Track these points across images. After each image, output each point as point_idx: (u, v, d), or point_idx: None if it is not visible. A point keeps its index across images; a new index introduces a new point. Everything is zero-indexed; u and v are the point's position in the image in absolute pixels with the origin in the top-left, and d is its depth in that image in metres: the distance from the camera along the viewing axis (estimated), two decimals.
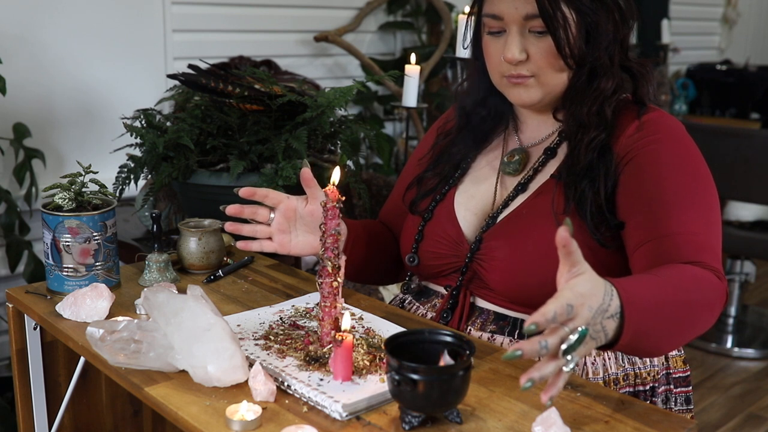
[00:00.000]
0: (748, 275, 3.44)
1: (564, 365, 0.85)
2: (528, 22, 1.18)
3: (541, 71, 1.21)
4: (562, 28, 1.16)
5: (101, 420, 1.46)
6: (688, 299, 1.04)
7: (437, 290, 1.34)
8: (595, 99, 1.20)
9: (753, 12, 5.68)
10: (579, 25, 1.18)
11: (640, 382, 1.23)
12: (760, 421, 2.76)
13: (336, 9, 3.10)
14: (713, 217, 1.17)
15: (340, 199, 1.06)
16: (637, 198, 1.16)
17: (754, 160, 2.99)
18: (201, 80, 1.66)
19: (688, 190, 1.16)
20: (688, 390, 1.30)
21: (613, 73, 1.21)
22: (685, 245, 1.11)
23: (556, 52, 1.18)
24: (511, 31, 1.20)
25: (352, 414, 0.94)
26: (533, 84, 1.22)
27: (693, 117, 4.70)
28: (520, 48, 1.19)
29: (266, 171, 1.61)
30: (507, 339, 1.22)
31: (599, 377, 1.20)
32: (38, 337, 1.34)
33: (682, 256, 1.10)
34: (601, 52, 1.20)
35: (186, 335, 1.01)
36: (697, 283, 1.06)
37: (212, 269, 1.45)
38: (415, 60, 2.18)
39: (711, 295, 1.07)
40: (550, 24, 1.16)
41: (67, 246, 1.28)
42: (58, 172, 2.29)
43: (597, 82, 1.21)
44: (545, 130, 1.31)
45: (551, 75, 1.21)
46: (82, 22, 2.39)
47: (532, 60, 1.20)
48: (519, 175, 1.29)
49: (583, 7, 1.17)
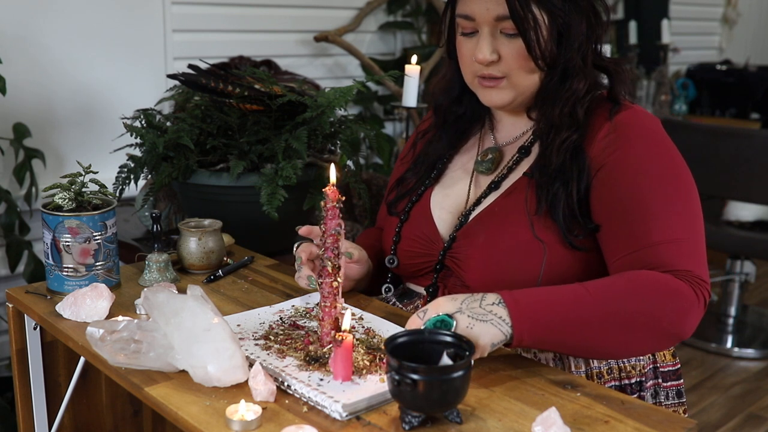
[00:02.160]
0: (748, 275, 3.43)
1: None
2: (499, 23, 1.19)
3: (512, 72, 1.21)
4: (532, 29, 1.17)
5: (101, 420, 1.46)
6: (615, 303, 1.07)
7: (419, 291, 1.34)
8: (567, 99, 1.21)
9: (753, 12, 5.68)
10: (550, 27, 1.19)
11: (625, 376, 1.23)
12: (760, 421, 2.76)
13: (336, 9, 3.10)
14: (693, 218, 1.17)
15: (340, 199, 1.06)
16: (612, 205, 1.16)
17: (754, 160, 2.98)
18: (201, 80, 1.66)
19: (665, 194, 1.15)
20: (678, 383, 1.30)
21: (585, 73, 1.22)
22: (666, 255, 1.12)
23: (527, 53, 1.19)
24: (483, 32, 1.21)
25: (352, 414, 0.94)
26: (505, 86, 1.23)
27: (693, 117, 4.70)
28: (491, 49, 1.20)
29: (266, 171, 1.61)
30: None
31: (581, 371, 1.20)
32: (38, 337, 1.34)
33: (663, 266, 1.11)
34: (574, 53, 1.20)
35: (186, 335, 1.01)
36: (638, 289, 1.08)
37: (212, 269, 1.45)
38: (415, 60, 2.17)
39: (660, 299, 1.08)
40: (521, 25, 1.17)
41: (67, 246, 1.28)
42: (58, 172, 2.29)
43: (569, 83, 1.21)
44: (519, 129, 1.32)
45: (522, 76, 1.21)
46: (82, 23, 2.39)
47: (503, 61, 1.21)
48: (492, 173, 1.30)
49: (554, 9, 1.18)
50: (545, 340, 1.06)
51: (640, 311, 1.07)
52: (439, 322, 1.02)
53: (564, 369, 1.20)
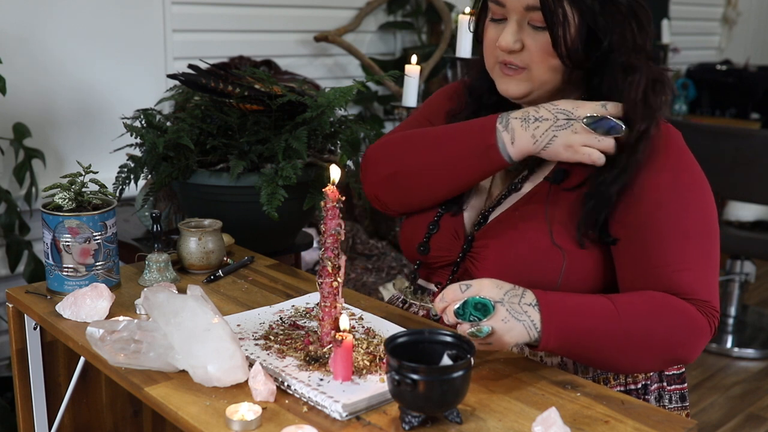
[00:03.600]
0: (748, 275, 3.43)
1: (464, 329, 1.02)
2: (528, 13, 1.17)
3: (533, 65, 1.19)
4: (560, 25, 1.15)
5: (101, 420, 1.46)
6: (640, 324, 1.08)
7: (429, 288, 1.34)
8: (636, 89, 1.16)
9: (753, 12, 5.68)
10: (579, 26, 1.16)
11: (631, 381, 1.23)
12: (760, 421, 2.76)
13: (336, 9, 3.10)
14: (712, 247, 1.17)
15: (340, 199, 1.06)
16: (634, 225, 1.15)
17: (754, 160, 2.98)
18: (201, 80, 1.65)
19: (689, 221, 1.15)
20: (683, 387, 1.30)
21: (644, 72, 1.17)
22: (684, 283, 1.13)
23: (551, 49, 1.17)
24: (511, 19, 1.19)
25: (352, 414, 0.94)
26: (524, 78, 1.20)
27: (693, 117, 4.70)
28: (515, 37, 1.18)
29: (266, 171, 1.61)
30: None
31: (588, 376, 1.20)
32: (38, 337, 1.34)
33: (683, 293, 1.12)
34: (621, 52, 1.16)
35: (186, 335, 1.01)
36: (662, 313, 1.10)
37: (212, 269, 1.45)
38: (415, 60, 2.17)
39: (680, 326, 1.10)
40: (549, 19, 1.15)
41: (67, 246, 1.28)
42: (58, 172, 2.29)
43: (631, 77, 1.16)
44: None
45: (542, 71, 1.19)
46: (82, 22, 2.39)
47: (526, 52, 1.19)
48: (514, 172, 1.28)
49: (585, 8, 1.15)
50: (569, 350, 1.08)
51: (658, 334, 1.09)
52: (480, 304, 1.02)
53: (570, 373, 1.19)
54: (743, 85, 4.69)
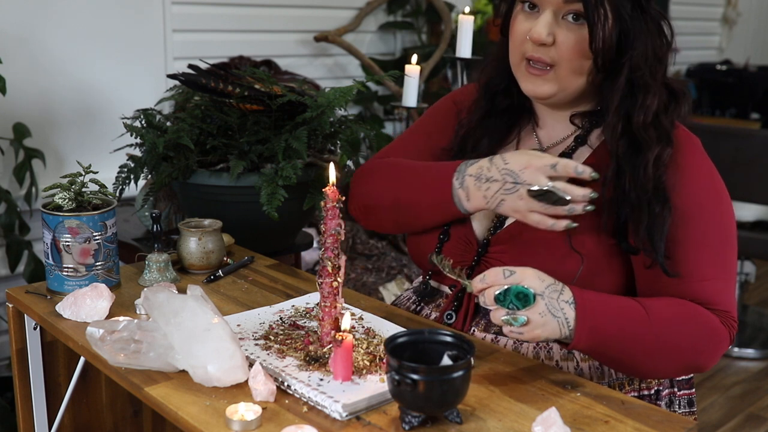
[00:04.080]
0: (748, 275, 3.43)
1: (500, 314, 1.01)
2: (567, 5, 1.14)
3: (562, 62, 1.15)
4: (600, 22, 1.12)
5: (101, 420, 1.46)
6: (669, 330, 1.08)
7: (443, 290, 1.33)
8: (647, 112, 1.15)
9: (753, 12, 5.68)
10: (614, 28, 1.14)
11: (645, 386, 1.23)
12: (760, 421, 2.76)
13: (336, 9, 3.10)
14: (731, 256, 1.17)
15: (340, 199, 1.06)
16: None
17: (754, 160, 2.98)
18: (201, 80, 1.65)
19: (710, 226, 1.15)
20: (691, 392, 1.30)
21: (657, 89, 1.17)
22: (708, 293, 1.13)
23: (583, 47, 1.14)
24: (546, 11, 1.15)
25: (352, 414, 0.94)
26: (551, 78, 1.17)
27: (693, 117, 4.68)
28: (548, 30, 1.14)
29: (266, 171, 1.61)
30: (510, 341, 1.21)
31: (604, 382, 1.20)
32: (38, 337, 1.34)
33: (706, 302, 1.12)
34: (640, 64, 1.15)
35: (186, 335, 1.01)
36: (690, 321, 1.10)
37: (212, 269, 1.45)
38: (415, 60, 2.17)
39: (705, 336, 1.11)
40: (591, 14, 1.12)
41: (67, 246, 1.28)
42: (58, 172, 2.29)
43: (642, 97, 1.15)
44: (561, 133, 1.27)
45: (569, 71, 1.16)
46: (82, 22, 2.39)
47: (557, 47, 1.15)
48: None
49: (623, 12, 1.14)
50: (598, 352, 1.08)
51: (684, 342, 1.10)
52: (522, 293, 1.01)
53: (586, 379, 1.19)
54: (743, 85, 4.69)
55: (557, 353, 1.19)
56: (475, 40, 2.36)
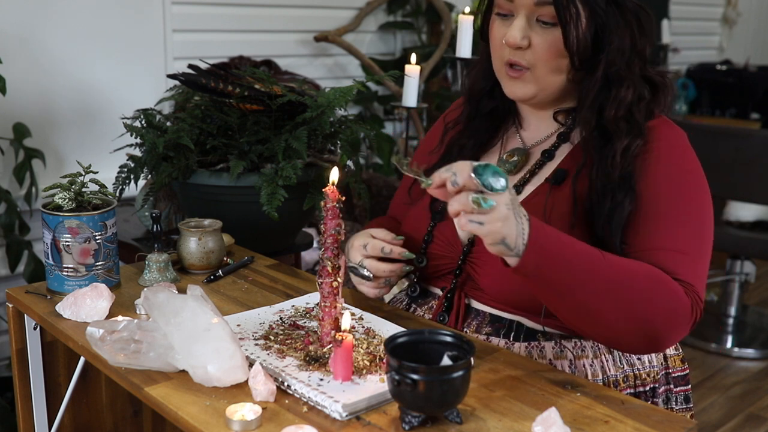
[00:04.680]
0: (748, 275, 3.43)
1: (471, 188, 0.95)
2: (538, 9, 1.16)
3: (538, 64, 1.18)
4: (572, 22, 1.14)
5: (101, 420, 1.46)
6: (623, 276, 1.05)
7: (435, 292, 1.33)
8: (619, 105, 1.17)
9: (753, 12, 5.68)
10: (588, 25, 1.16)
11: (640, 383, 1.23)
12: (760, 421, 2.76)
13: (336, 9, 3.10)
14: (703, 237, 1.16)
15: (340, 199, 1.06)
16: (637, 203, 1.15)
17: (754, 160, 2.98)
18: (201, 80, 1.66)
19: (688, 205, 1.15)
20: (687, 389, 1.30)
21: (634, 82, 1.18)
22: (670, 262, 1.11)
23: (559, 47, 1.16)
24: (519, 15, 1.18)
25: (352, 414, 0.94)
26: (529, 79, 1.20)
27: (693, 117, 4.70)
28: (522, 34, 1.17)
29: (266, 171, 1.61)
30: (503, 341, 1.21)
31: (598, 379, 1.20)
32: (38, 337, 1.34)
33: (668, 272, 1.10)
34: (617, 58, 1.17)
35: (186, 335, 1.01)
36: (648, 277, 1.07)
37: (212, 269, 1.45)
38: (415, 60, 2.17)
39: (663, 296, 1.07)
40: (562, 15, 1.14)
41: (67, 246, 1.28)
42: (58, 172, 2.29)
43: (616, 90, 1.17)
44: (545, 131, 1.29)
45: (547, 71, 1.18)
46: (82, 22, 2.39)
47: (532, 50, 1.18)
48: (515, 175, 1.27)
49: (596, 8, 1.15)
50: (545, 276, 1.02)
51: (638, 294, 1.05)
52: (498, 173, 0.95)
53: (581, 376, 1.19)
54: (743, 85, 4.69)
55: (550, 352, 1.20)
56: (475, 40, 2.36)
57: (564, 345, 1.20)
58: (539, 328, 1.21)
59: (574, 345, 1.20)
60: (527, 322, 1.21)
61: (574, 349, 1.20)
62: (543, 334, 1.21)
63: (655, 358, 1.26)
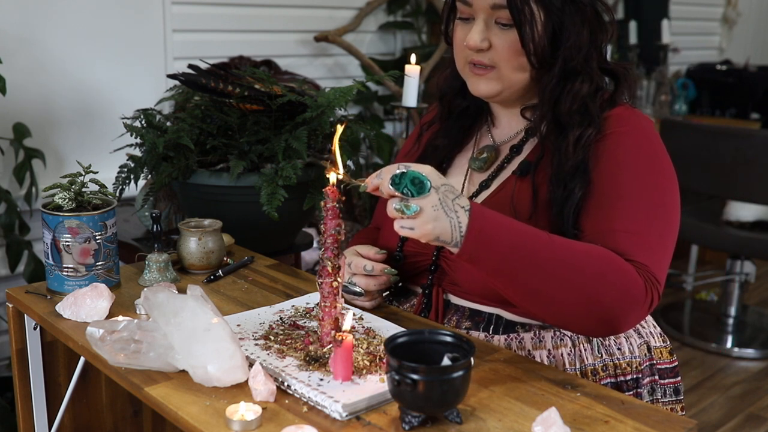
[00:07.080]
0: (748, 275, 3.43)
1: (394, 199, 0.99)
2: (495, 12, 1.19)
3: (501, 64, 1.21)
4: (528, 23, 1.17)
5: (101, 420, 1.46)
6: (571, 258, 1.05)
7: (415, 290, 1.35)
8: (574, 98, 1.20)
9: (753, 12, 5.68)
10: (545, 24, 1.18)
11: (620, 373, 1.23)
12: (760, 421, 2.76)
13: (336, 9, 3.10)
14: (663, 219, 1.16)
15: (340, 199, 1.06)
16: (591, 188, 1.16)
17: (754, 160, 2.98)
18: (201, 80, 1.66)
19: (640, 188, 1.16)
20: (676, 381, 1.30)
21: (590, 75, 1.21)
22: (623, 244, 1.11)
23: (518, 47, 1.19)
24: (478, 18, 1.21)
25: (352, 414, 0.94)
26: (493, 77, 1.23)
27: (693, 117, 4.70)
28: (482, 36, 1.20)
29: (266, 171, 1.61)
30: (482, 334, 1.23)
31: (576, 368, 1.20)
32: (38, 337, 1.34)
33: (621, 254, 1.10)
34: (574, 53, 1.19)
35: (186, 335, 1.01)
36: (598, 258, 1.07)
37: (212, 269, 1.45)
38: (415, 60, 2.17)
39: (612, 276, 1.06)
40: (517, 17, 1.17)
41: (67, 246, 1.28)
42: (58, 172, 2.29)
43: (572, 84, 1.20)
44: (514, 128, 1.32)
45: (510, 70, 1.21)
46: (82, 22, 2.39)
47: (493, 51, 1.21)
48: (485, 172, 1.31)
49: (552, 7, 1.18)
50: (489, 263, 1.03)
51: (589, 278, 1.05)
52: (418, 180, 0.98)
53: (558, 367, 1.20)
54: (743, 85, 4.69)
55: (528, 342, 1.21)
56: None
57: (543, 335, 1.21)
58: (518, 319, 1.22)
59: (552, 335, 1.21)
60: (506, 314, 1.23)
61: (553, 338, 1.21)
62: (522, 326, 1.22)
63: (636, 348, 1.26)
